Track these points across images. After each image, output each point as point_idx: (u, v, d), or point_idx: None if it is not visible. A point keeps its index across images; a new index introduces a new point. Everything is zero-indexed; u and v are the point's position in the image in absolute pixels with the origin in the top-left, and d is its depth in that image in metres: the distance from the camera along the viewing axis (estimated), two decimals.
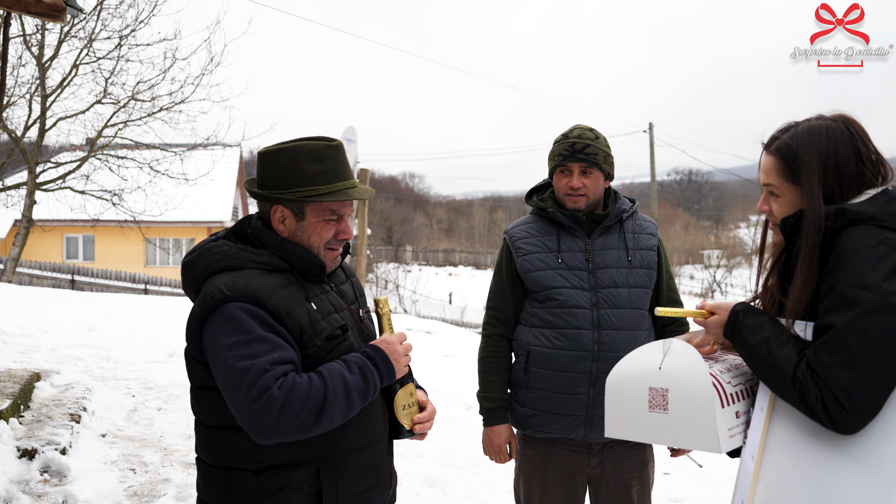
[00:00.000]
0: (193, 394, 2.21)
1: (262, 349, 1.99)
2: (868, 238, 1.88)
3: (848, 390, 1.79)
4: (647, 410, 2.12)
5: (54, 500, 4.63)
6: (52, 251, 29.90)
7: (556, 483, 3.12)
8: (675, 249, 59.28)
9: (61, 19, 6.30)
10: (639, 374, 2.15)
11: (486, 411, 3.21)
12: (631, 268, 3.10)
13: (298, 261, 2.18)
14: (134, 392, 7.54)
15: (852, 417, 1.80)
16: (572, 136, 3.13)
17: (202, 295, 2.09)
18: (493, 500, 5.27)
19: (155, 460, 5.64)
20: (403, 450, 6.34)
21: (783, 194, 2.08)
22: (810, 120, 2.07)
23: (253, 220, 2.28)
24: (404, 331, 12.86)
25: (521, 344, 3.15)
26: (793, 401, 1.90)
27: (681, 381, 2.07)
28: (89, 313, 11.95)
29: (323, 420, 2.00)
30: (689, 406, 2.05)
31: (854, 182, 2.01)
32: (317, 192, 2.15)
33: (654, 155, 29.73)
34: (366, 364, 2.12)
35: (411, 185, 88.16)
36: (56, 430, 5.53)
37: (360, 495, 2.21)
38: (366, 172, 11.81)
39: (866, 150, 2.03)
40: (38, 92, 11.86)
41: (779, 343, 1.95)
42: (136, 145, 13.06)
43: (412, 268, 44.44)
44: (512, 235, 3.22)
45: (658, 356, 2.13)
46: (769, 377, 1.96)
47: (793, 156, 2.03)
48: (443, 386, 8.35)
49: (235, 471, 2.12)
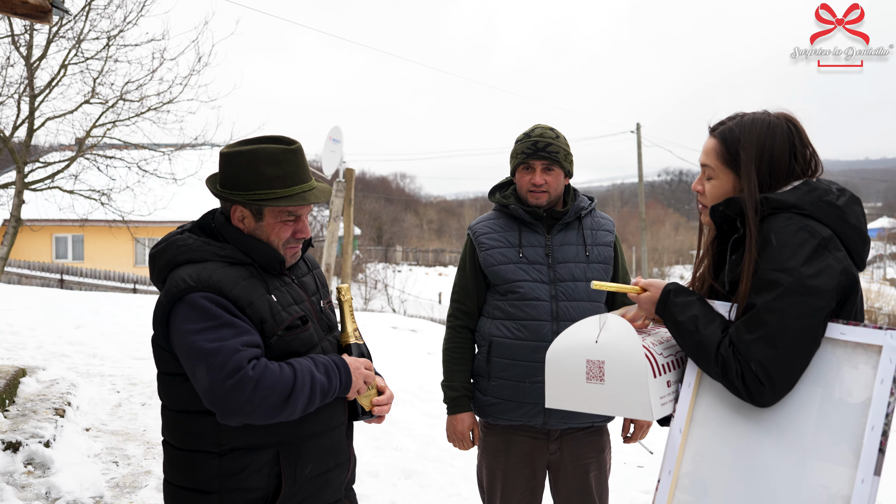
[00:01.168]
0: (160, 379, 2.32)
1: (231, 333, 2.09)
2: (789, 225, 2.02)
3: (765, 366, 1.94)
4: (585, 381, 2.24)
5: (38, 491, 4.73)
6: (41, 251, 29.87)
7: (517, 469, 3.26)
8: (665, 250, 59.44)
9: (47, 20, 6.37)
10: (577, 348, 2.27)
11: (450, 400, 3.34)
12: (589, 262, 3.23)
13: (259, 255, 2.28)
14: (119, 388, 7.64)
15: (768, 391, 1.95)
16: (534, 135, 3.26)
17: (167, 285, 2.20)
18: (469, 491, 5.39)
19: (138, 453, 5.75)
20: (382, 443, 6.47)
21: (717, 177, 2.22)
22: (756, 112, 2.21)
23: (216, 214, 2.38)
24: (389, 329, 12.94)
25: (483, 335, 3.28)
26: (716, 375, 2.05)
27: (616, 353, 2.19)
28: (76, 311, 12.03)
29: (287, 409, 2.10)
30: (623, 376, 2.17)
31: (784, 175, 2.15)
32: (274, 196, 2.25)
33: (641, 155, 29.88)
34: (332, 367, 2.23)
35: (402, 185, 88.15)
36: (40, 424, 5.63)
37: (317, 477, 2.32)
38: (351, 172, 11.91)
39: (801, 147, 2.16)
40: (27, 92, 11.90)
41: (705, 321, 2.09)
42: (124, 145, 13.09)
43: (402, 268, 44.54)
44: (475, 231, 3.35)
45: (595, 330, 2.26)
46: (695, 353, 2.11)
47: (734, 141, 2.17)
48: (425, 382, 8.46)
49: (199, 453, 2.22)
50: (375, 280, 33.75)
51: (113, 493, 4.98)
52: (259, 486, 2.21)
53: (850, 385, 1.94)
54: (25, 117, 11.90)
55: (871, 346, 1.92)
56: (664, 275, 56.72)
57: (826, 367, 1.98)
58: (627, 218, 66.81)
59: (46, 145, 15.69)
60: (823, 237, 2.00)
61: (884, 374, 1.88)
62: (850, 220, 2.08)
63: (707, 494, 2.10)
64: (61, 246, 31.01)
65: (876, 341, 1.91)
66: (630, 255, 48.30)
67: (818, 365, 1.99)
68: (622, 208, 79.04)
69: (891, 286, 57.36)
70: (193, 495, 2.24)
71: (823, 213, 2.05)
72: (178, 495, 2.29)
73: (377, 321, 14.73)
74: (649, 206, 67.97)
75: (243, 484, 2.19)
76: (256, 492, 2.21)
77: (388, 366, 6.58)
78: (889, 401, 1.86)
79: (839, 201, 2.08)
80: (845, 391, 1.94)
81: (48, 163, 12.82)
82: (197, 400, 2.16)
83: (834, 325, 1.98)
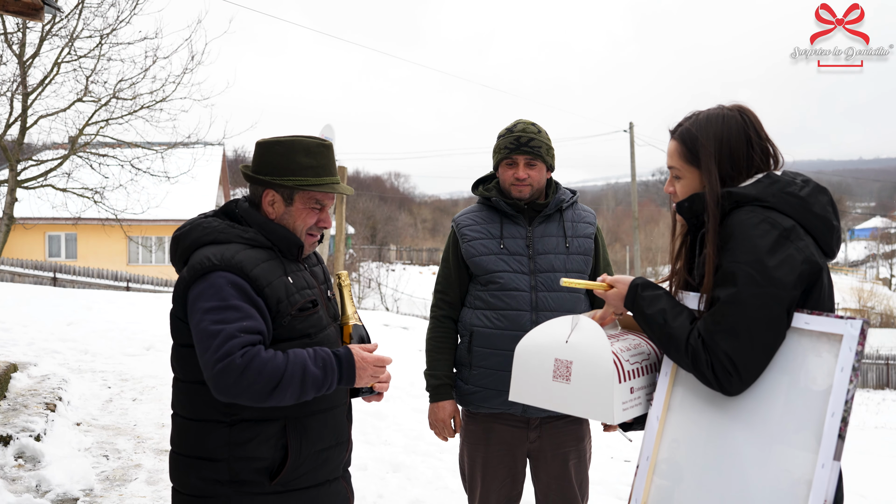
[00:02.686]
0: (174, 352, 2.43)
1: (234, 317, 2.21)
2: (751, 217, 2.07)
3: (731, 356, 1.99)
4: (552, 379, 2.29)
5: (28, 483, 4.78)
6: (34, 249, 29.84)
7: (498, 457, 3.32)
8: (659, 249, 59.51)
9: (39, 18, 6.40)
10: (546, 346, 2.32)
11: (433, 388, 3.41)
12: (568, 254, 3.30)
13: (280, 239, 2.44)
14: (110, 383, 7.68)
15: (736, 381, 2.00)
16: (517, 131, 3.32)
17: (191, 262, 2.32)
18: (456, 484, 5.44)
19: (128, 447, 5.79)
20: (371, 438, 6.52)
21: (684, 176, 2.28)
22: (710, 109, 2.27)
23: (240, 201, 2.53)
24: (381, 326, 12.95)
25: (465, 325, 3.35)
26: (686, 366, 2.10)
27: (584, 354, 2.24)
28: (69, 308, 12.05)
29: (275, 396, 2.20)
30: (590, 379, 2.22)
31: (744, 165, 2.19)
32: (307, 183, 2.43)
33: (634, 154, 29.94)
34: (330, 362, 2.32)
35: (396, 184, 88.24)
36: (31, 418, 5.67)
37: (321, 452, 2.43)
38: (343, 170, 11.93)
39: (757, 137, 2.21)
40: (20, 90, 11.90)
41: (674, 314, 2.14)
42: (117, 143, 13.10)
43: (396, 266, 44.58)
44: (458, 223, 3.43)
45: (566, 330, 2.30)
46: (666, 344, 2.15)
47: (693, 139, 2.23)
48: (415, 379, 8.49)
49: (209, 422, 2.33)
50: (369, 279, 33.79)
51: (103, 485, 5.02)
52: (266, 456, 2.32)
53: (814, 373, 1.99)
54: (18, 115, 11.91)
55: (833, 335, 1.97)
56: (657, 274, 56.87)
57: (792, 355, 2.03)
58: (621, 217, 66.99)
59: (39, 143, 15.69)
60: (785, 228, 2.03)
61: (844, 362, 1.93)
62: (814, 210, 2.11)
63: (682, 479, 2.16)
64: (54, 244, 30.98)
65: (837, 330, 1.96)
66: (624, 254, 48.38)
67: (785, 354, 2.04)
68: (616, 208, 79.20)
69: (883, 285, 57.50)
70: (202, 463, 2.33)
71: (786, 203, 2.09)
72: (186, 464, 2.37)
73: (370, 319, 14.79)
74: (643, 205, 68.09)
75: (251, 453, 2.30)
76: (263, 461, 2.31)
77: None
78: (848, 388, 1.91)
79: (802, 192, 2.12)
80: (810, 379, 1.99)
81: (41, 161, 12.82)
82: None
83: (799, 315, 2.03)
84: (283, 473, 2.32)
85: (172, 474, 2.44)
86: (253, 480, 2.31)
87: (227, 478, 2.31)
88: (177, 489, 2.42)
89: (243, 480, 2.31)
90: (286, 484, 2.35)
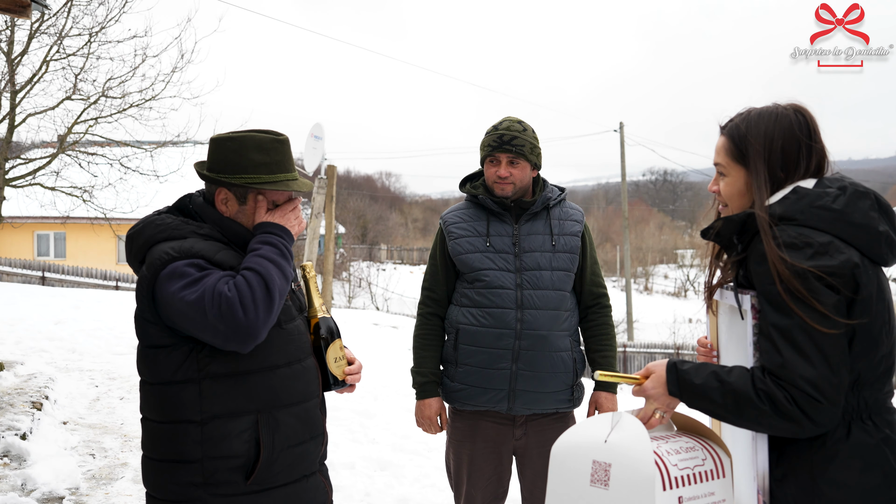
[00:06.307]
0: (141, 355, 2.36)
1: (213, 279, 2.15)
2: (782, 236, 1.94)
3: (811, 381, 1.85)
4: (589, 484, 2.03)
5: (13, 482, 4.76)
6: (22, 248, 29.71)
7: (484, 454, 3.32)
8: (649, 249, 59.69)
9: (27, 15, 6.37)
10: (584, 446, 2.07)
11: (419, 385, 3.41)
12: (555, 252, 3.30)
13: (235, 236, 2.37)
14: (97, 382, 7.66)
15: (825, 406, 1.86)
16: (501, 128, 3.32)
17: (150, 259, 2.25)
18: (443, 482, 5.44)
19: (115, 446, 5.77)
20: (359, 436, 6.51)
21: (729, 173, 2.17)
22: (765, 106, 2.15)
23: (195, 196, 2.46)
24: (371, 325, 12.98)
25: (451, 322, 3.36)
26: (765, 414, 1.90)
27: (624, 456, 1.98)
28: (57, 307, 12.02)
29: (274, 295, 2.16)
30: (629, 484, 1.95)
31: (793, 167, 2.07)
32: (259, 181, 2.35)
33: (624, 154, 29.99)
34: (268, 237, 2.29)
35: (387, 184, 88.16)
36: (17, 417, 5.65)
37: (295, 447, 2.37)
38: (333, 169, 11.93)
39: (808, 139, 2.09)
40: (8, 88, 11.85)
41: (726, 371, 1.98)
42: (106, 142, 13.04)
43: (386, 266, 44.57)
44: (446, 220, 3.43)
45: (606, 429, 2.06)
46: (734, 405, 1.95)
47: (741, 137, 2.12)
48: (405, 378, 8.50)
49: (181, 423, 2.27)
50: (359, 278, 33.76)
51: (89, 484, 5.00)
52: (240, 454, 2.26)
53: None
54: (6, 113, 11.84)
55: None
56: (648, 273, 56.94)
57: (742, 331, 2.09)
58: (612, 217, 67.09)
59: (28, 142, 15.60)
60: (820, 243, 1.92)
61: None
62: (852, 220, 1.96)
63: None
64: (43, 243, 30.84)
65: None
66: (614, 254, 48.47)
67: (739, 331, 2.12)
68: (607, 207, 79.34)
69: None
70: (175, 466, 2.28)
71: (818, 218, 1.96)
72: (159, 468, 2.33)
73: (359, 318, 14.79)
74: (634, 205, 68.24)
75: (224, 451, 2.25)
76: (237, 459, 2.27)
77: (369, 361, 6.62)
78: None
79: (836, 203, 1.97)
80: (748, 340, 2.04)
81: (29, 159, 12.75)
82: (178, 370, 2.23)
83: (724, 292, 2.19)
84: (257, 470, 2.28)
85: (146, 479, 2.39)
86: (228, 481, 2.26)
87: (201, 480, 2.26)
88: (151, 494, 2.38)
89: (218, 481, 2.26)
90: (262, 482, 2.30)
